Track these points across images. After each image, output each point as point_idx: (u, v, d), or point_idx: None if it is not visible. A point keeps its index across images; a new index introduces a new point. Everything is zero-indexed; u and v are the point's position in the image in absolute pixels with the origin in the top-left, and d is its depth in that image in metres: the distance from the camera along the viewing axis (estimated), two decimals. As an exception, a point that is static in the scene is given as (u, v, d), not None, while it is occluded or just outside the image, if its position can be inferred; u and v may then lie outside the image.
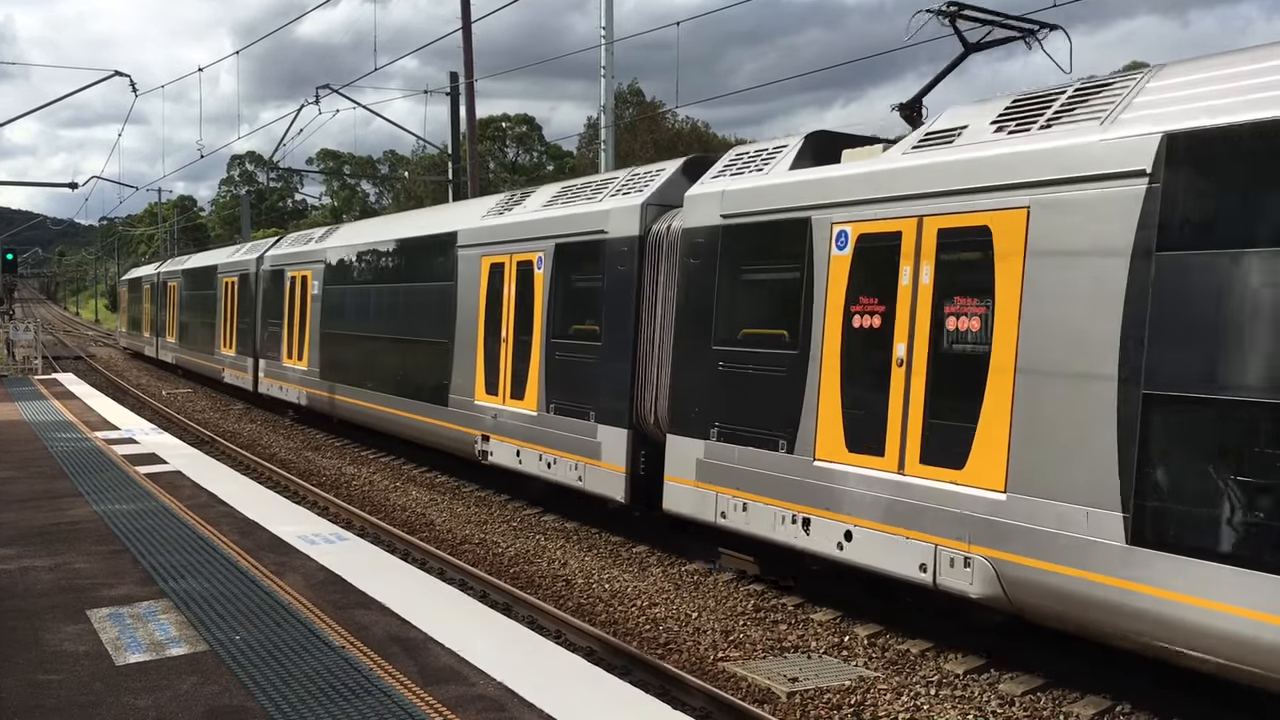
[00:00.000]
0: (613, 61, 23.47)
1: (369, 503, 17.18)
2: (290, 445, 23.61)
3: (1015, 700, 8.71)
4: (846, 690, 8.89)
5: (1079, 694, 8.70)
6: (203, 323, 35.83)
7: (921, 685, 9.05)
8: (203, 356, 35.53)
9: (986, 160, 9.04)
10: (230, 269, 32.23)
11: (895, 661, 9.65)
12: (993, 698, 8.79)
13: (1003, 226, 8.78)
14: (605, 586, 12.09)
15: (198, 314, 36.88)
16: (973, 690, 8.95)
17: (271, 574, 9.22)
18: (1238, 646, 7.08)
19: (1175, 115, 7.77)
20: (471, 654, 7.19)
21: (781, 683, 8.96)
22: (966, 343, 9.08)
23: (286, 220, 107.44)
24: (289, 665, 6.89)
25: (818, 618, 10.84)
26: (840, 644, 10.12)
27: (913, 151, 9.92)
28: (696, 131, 67.28)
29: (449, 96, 31.87)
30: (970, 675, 9.23)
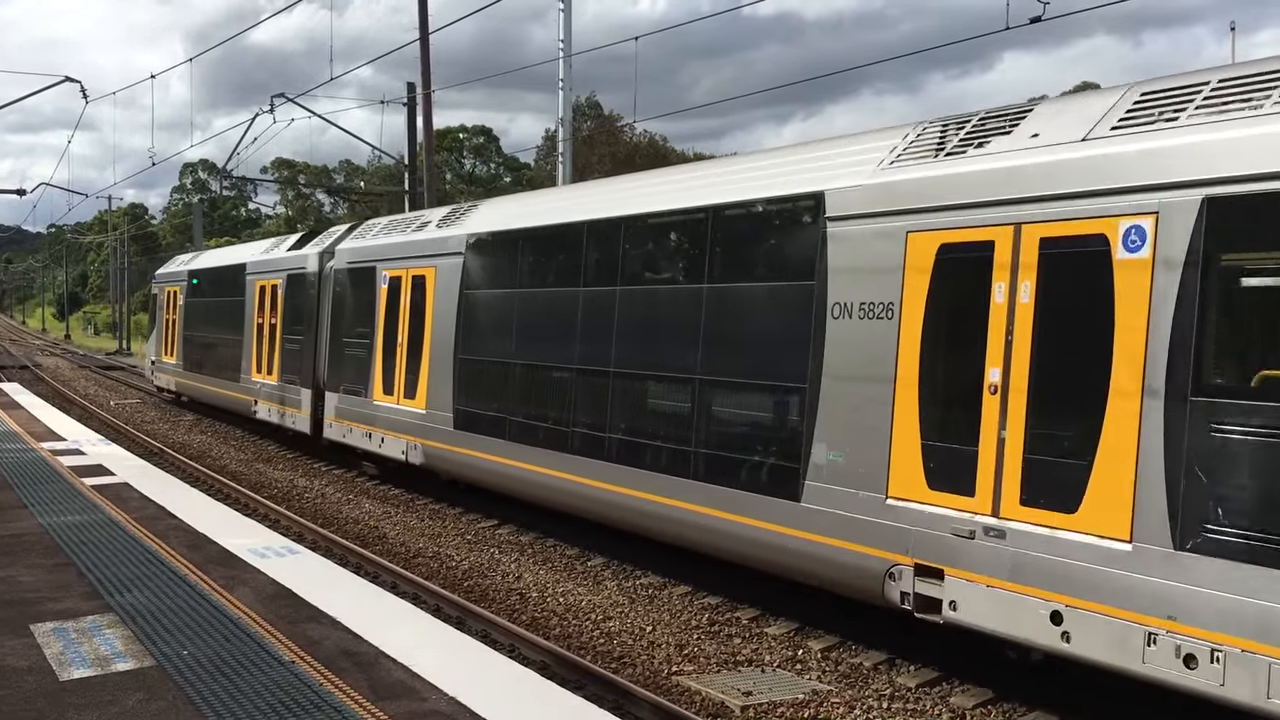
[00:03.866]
0: (571, 74, 23.50)
1: (321, 515, 17.01)
2: (241, 457, 23.33)
3: (966, 714, 8.78)
4: (800, 704, 8.92)
5: (1028, 708, 8.79)
6: (219, 339, 28.07)
7: (874, 699, 9.10)
8: (219, 383, 27.75)
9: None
10: (268, 268, 25.01)
11: (849, 675, 9.69)
12: (944, 711, 8.86)
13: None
14: (560, 600, 12.04)
15: (211, 327, 29.14)
16: (925, 704, 9.01)
17: (221, 588, 9.09)
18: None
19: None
20: (424, 669, 7.12)
21: (735, 696, 8.97)
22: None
23: (239, 230, 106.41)
24: (238, 681, 6.80)
25: (772, 631, 10.86)
26: (794, 657, 10.15)
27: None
28: (654, 145, 67.45)
29: (406, 106, 31.74)
30: (923, 689, 9.29)
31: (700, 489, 11.30)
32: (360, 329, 19.36)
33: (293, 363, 22.65)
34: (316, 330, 21.60)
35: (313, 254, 22.19)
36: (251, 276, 25.93)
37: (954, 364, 8.89)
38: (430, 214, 18.94)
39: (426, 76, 28.74)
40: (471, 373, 15.74)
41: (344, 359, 20.00)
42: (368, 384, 18.81)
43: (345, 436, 19.80)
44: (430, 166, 30.15)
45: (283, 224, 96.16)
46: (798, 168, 10.93)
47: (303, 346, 22.28)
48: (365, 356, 18.98)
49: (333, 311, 20.76)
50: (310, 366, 21.75)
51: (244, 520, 13.12)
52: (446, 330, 16.36)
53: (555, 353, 13.93)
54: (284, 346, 23.20)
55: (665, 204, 12.66)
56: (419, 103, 30.06)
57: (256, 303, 25.16)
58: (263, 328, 24.67)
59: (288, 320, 23.17)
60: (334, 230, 22.83)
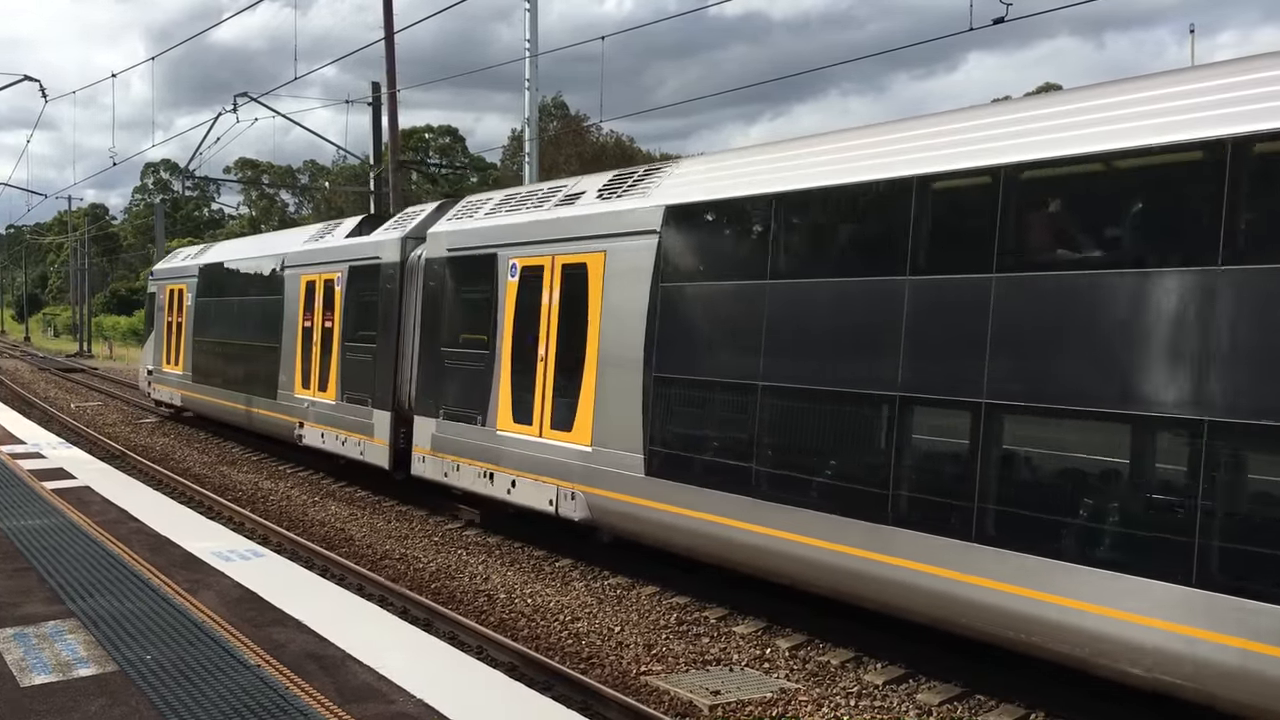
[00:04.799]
0: (537, 74, 23.45)
1: (286, 518, 16.87)
2: (205, 460, 23.10)
3: (933, 710, 8.84)
4: (768, 702, 8.94)
5: (995, 702, 8.86)
6: (245, 346, 23.69)
7: (841, 696, 9.14)
8: (245, 400, 23.14)
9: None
10: (320, 260, 20.14)
11: (816, 673, 9.73)
12: (911, 707, 8.91)
13: None
14: (528, 601, 12.02)
15: (233, 331, 24.55)
16: (891, 701, 9.06)
17: (184, 591, 9.00)
18: None
19: None
20: (391, 671, 7.08)
21: (704, 696, 8.98)
22: None
23: (203, 230, 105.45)
24: (202, 685, 6.73)
25: (740, 630, 10.89)
26: (762, 656, 10.18)
27: None
28: (621, 145, 67.48)
29: (371, 106, 31.56)
30: (889, 686, 9.34)
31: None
32: (472, 334, 14.93)
33: (360, 377, 18.05)
34: (398, 336, 16.99)
35: (391, 240, 17.48)
36: (294, 270, 21.11)
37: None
38: (580, 182, 14.09)
39: (392, 76, 28.59)
40: (680, 398, 11.40)
41: (444, 374, 15.40)
42: (486, 408, 14.30)
43: (447, 475, 15.12)
44: (396, 167, 29.98)
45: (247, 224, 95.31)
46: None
47: (376, 357, 17.68)
48: (482, 371, 14.50)
49: (424, 312, 16.17)
50: (388, 382, 17.20)
51: (208, 523, 13.00)
52: (628, 337, 11.91)
53: (857, 373, 9.50)
54: (346, 357, 18.58)
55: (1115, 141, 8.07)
56: (384, 102, 29.90)
57: (302, 302, 20.48)
58: (312, 333, 19.96)
59: (352, 323, 18.53)
60: (415, 211, 18.01)
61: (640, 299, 11.85)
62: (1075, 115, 8.43)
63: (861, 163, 9.87)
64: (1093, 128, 8.21)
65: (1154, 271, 7.69)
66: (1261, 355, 7.08)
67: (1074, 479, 8.26)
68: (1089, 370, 7.94)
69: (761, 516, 10.25)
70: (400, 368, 16.85)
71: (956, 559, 8.56)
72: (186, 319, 27.57)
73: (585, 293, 12.78)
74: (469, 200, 16.41)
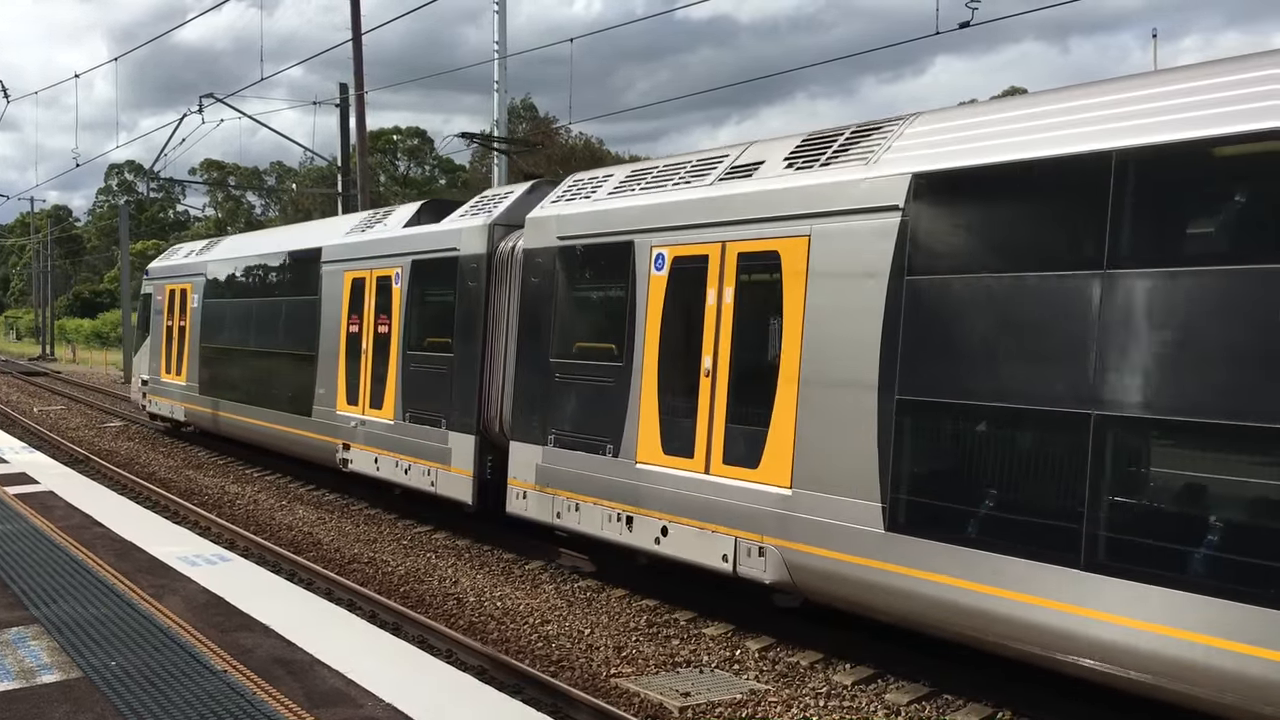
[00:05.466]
0: (505, 76, 23.42)
1: (253, 522, 16.75)
2: (170, 464, 22.89)
3: (901, 709, 8.89)
4: (738, 704, 8.97)
5: (962, 701, 8.92)
6: (269, 354, 20.69)
7: (811, 697, 9.18)
8: (271, 416, 20.12)
9: None
10: (371, 254, 17.17)
11: (786, 674, 9.76)
12: (880, 707, 8.96)
13: None
14: (497, 604, 11.99)
15: (252, 336, 21.47)
16: (860, 701, 9.10)
17: (150, 597, 8.92)
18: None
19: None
20: (360, 675, 7.05)
21: (674, 698, 8.99)
22: None
23: (168, 232, 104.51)
24: (168, 691, 6.67)
25: (710, 632, 10.91)
26: (732, 658, 10.20)
27: None
28: (590, 147, 67.51)
29: (338, 108, 31.42)
30: (858, 686, 9.39)
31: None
32: (596, 342, 12.31)
33: (430, 393, 15.25)
34: (484, 344, 14.24)
35: (474, 227, 14.65)
36: (334, 266, 18.15)
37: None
38: (749, 149, 11.11)
39: (359, 77, 28.48)
40: (949, 432, 8.69)
41: (554, 391, 12.61)
42: (619, 434, 11.64)
43: (560, 517, 12.47)
44: (364, 168, 29.86)
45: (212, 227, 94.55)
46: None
47: (454, 369, 14.78)
48: (611, 389, 11.80)
49: (524, 315, 13.32)
50: (471, 400, 14.36)
51: (174, 528, 12.89)
52: (850, 349, 9.22)
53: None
54: (409, 368, 15.81)
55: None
56: (352, 104, 29.77)
57: (346, 303, 17.60)
58: (360, 339, 17.18)
59: (417, 328, 15.85)
60: (498, 194, 15.26)
61: (870, 298, 9.00)
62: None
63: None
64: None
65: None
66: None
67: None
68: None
69: (1107, 598, 7.40)
70: (487, 382, 14.13)
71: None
72: (191, 323, 24.48)
73: (776, 289, 9.94)
74: (577, 179, 13.51)
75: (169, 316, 26.06)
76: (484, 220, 14.55)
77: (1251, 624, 6.65)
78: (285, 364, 19.82)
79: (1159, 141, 7.44)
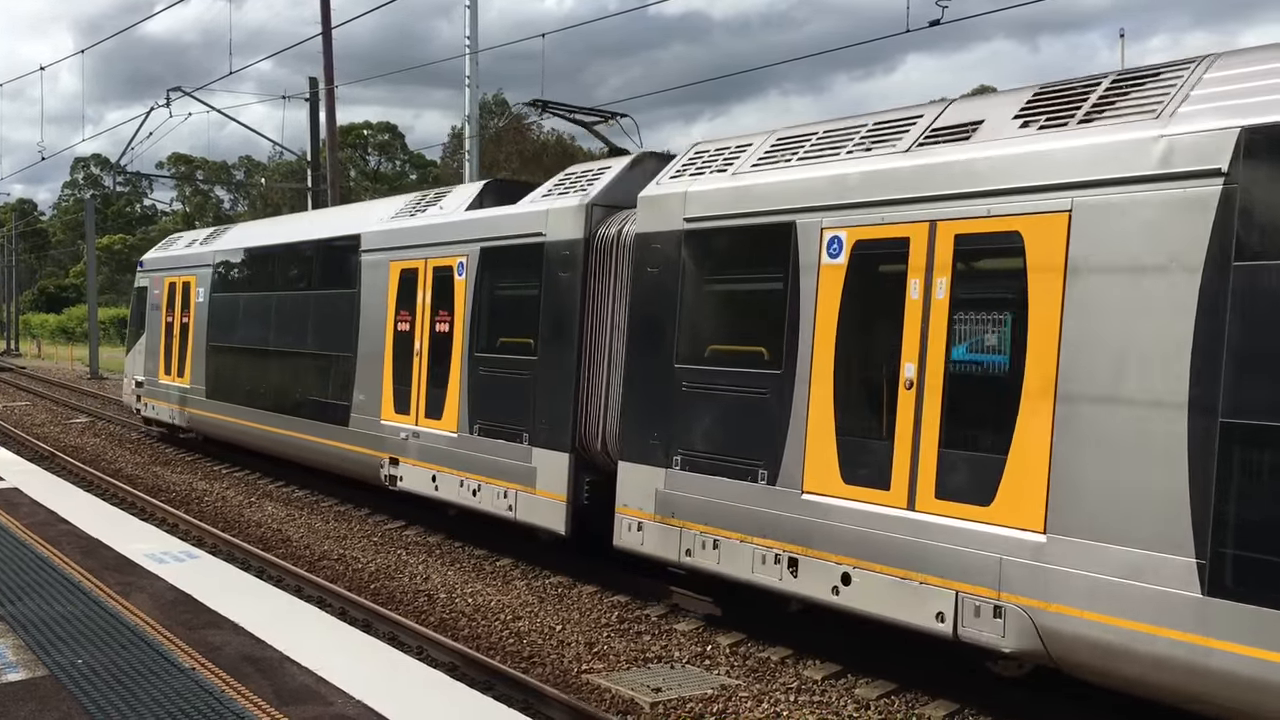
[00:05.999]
0: (477, 71, 23.35)
1: (222, 519, 16.63)
2: (137, 460, 22.69)
3: (870, 704, 8.95)
4: (709, 699, 9.00)
5: (930, 696, 8.99)
6: (293, 354, 18.39)
7: (781, 692, 9.22)
8: (297, 426, 17.89)
9: None
10: (425, 241, 14.96)
11: (756, 669, 9.81)
12: (849, 702, 9.02)
13: None
14: (468, 601, 11.97)
15: (271, 335, 19.11)
16: (830, 695, 9.16)
17: (117, 594, 8.84)
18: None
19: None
20: (329, 673, 7.02)
21: (645, 693, 9.01)
22: None
23: (134, 227, 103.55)
24: (135, 689, 6.62)
25: (681, 627, 10.94)
26: (703, 653, 10.23)
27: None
28: (562, 143, 67.39)
29: (308, 102, 31.23)
30: (828, 681, 9.44)
31: None
32: (740, 344, 10.23)
33: (507, 402, 13.07)
34: (579, 345, 12.12)
35: (566, 208, 12.51)
36: (377, 256, 15.97)
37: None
38: (948, 110, 9.28)
39: (329, 71, 28.31)
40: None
41: (680, 402, 10.60)
42: (777, 457, 9.58)
43: (690, 554, 10.41)
44: (334, 163, 29.69)
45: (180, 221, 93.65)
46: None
47: (539, 374, 12.61)
48: (763, 401, 9.77)
49: (637, 310, 11.25)
50: (564, 411, 12.20)
51: (141, 525, 12.79)
52: (1144, 357, 7.26)
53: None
54: (478, 373, 13.64)
55: None
56: (322, 98, 29.59)
57: (394, 297, 15.44)
58: (411, 339, 15.01)
59: (488, 326, 13.68)
60: (589, 171, 13.14)
61: (1174, 289, 7.12)
62: None
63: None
64: None
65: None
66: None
67: None
68: None
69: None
70: (585, 392, 12.04)
71: None
72: (195, 319, 22.24)
73: (1016, 279, 8.02)
74: (700, 149, 11.32)
75: (168, 312, 23.82)
76: (579, 200, 12.37)
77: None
78: (314, 366, 17.59)
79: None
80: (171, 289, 23.79)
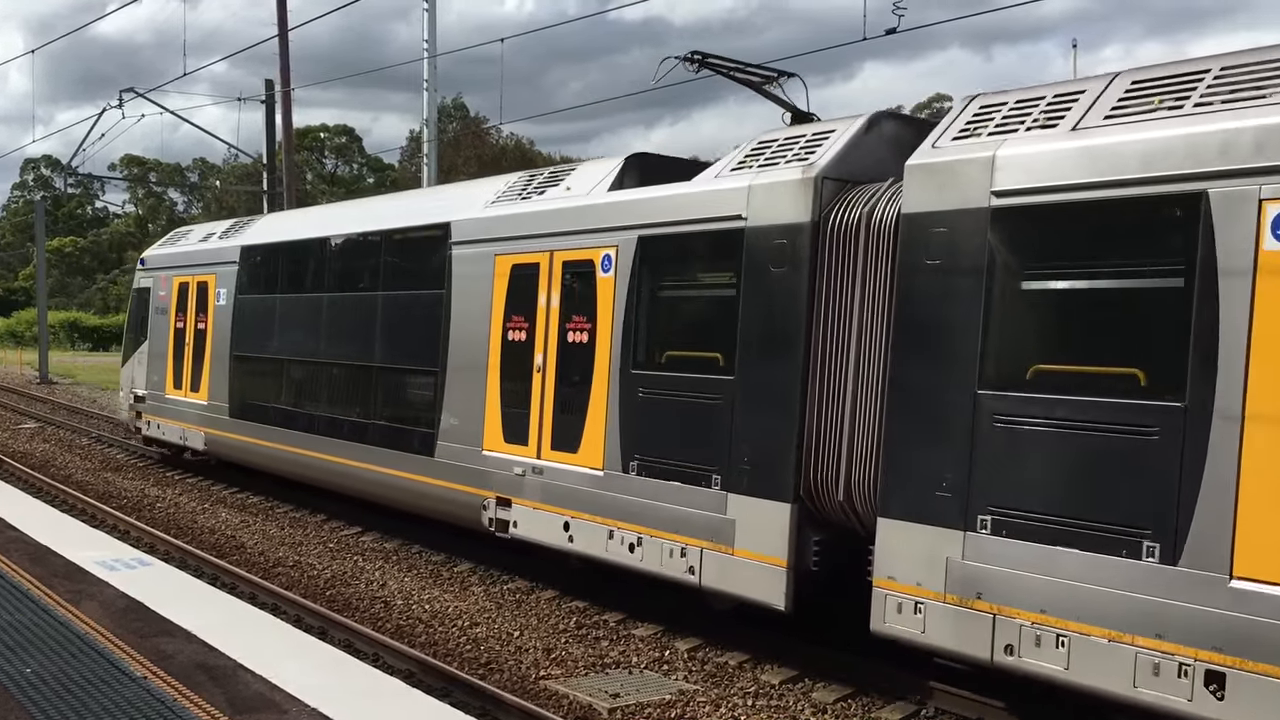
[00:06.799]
0: (436, 75, 23.29)
1: (175, 526, 16.42)
2: (87, 466, 22.35)
3: (828, 708, 9.00)
4: (667, 704, 9.00)
5: (886, 699, 9.05)
6: (359, 369, 15.25)
7: (739, 696, 9.25)
8: (361, 455, 14.86)
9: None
10: (547, 230, 12.25)
11: (714, 674, 9.82)
12: (806, 706, 9.06)
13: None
14: (425, 607, 11.90)
15: (329, 345, 16.02)
16: (788, 700, 9.20)
17: (66, 602, 8.70)
18: None
19: None
20: (284, 680, 6.96)
21: (603, 699, 9.00)
22: None
23: (85, 229, 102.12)
24: (85, 699, 6.52)
25: (639, 633, 10.94)
26: (661, 658, 10.24)
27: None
28: (521, 148, 67.34)
29: (264, 104, 30.96)
30: (785, 685, 9.48)
31: None
32: (1095, 366, 7.58)
33: (686, 432, 10.33)
34: (806, 362, 9.34)
35: (783, 183, 9.66)
36: (478, 248, 13.05)
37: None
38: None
39: (285, 74, 28.10)
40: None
41: (987, 443, 8.00)
42: (1182, 525, 6.97)
43: (1020, 653, 7.67)
44: (290, 166, 29.46)
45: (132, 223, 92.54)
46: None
47: (738, 397, 9.85)
48: (1154, 447, 7.13)
49: (907, 319, 8.56)
50: (781, 446, 9.47)
51: (91, 532, 12.61)
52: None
53: None
54: (637, 395, 10.83)
55: None
56: (278, 100, 29.36)
57: (502, 298, 12.57)
58: (529, 349, 12.13)
59: (654, 335, 10.97)
60: (796, 135, 10.31)
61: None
62: None
63: None
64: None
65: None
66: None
67: None
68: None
69: None
70: (815, 421, 9.29)
71: None
72: (215, 324, 19.19)
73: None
74: (986, 103, 8.72)
75: (179, 316, 20.57)
76: (802, 172, 9.50)
77: None
78: (383, 383, 14.84)
79: None
80: (183, 290, 20.55)
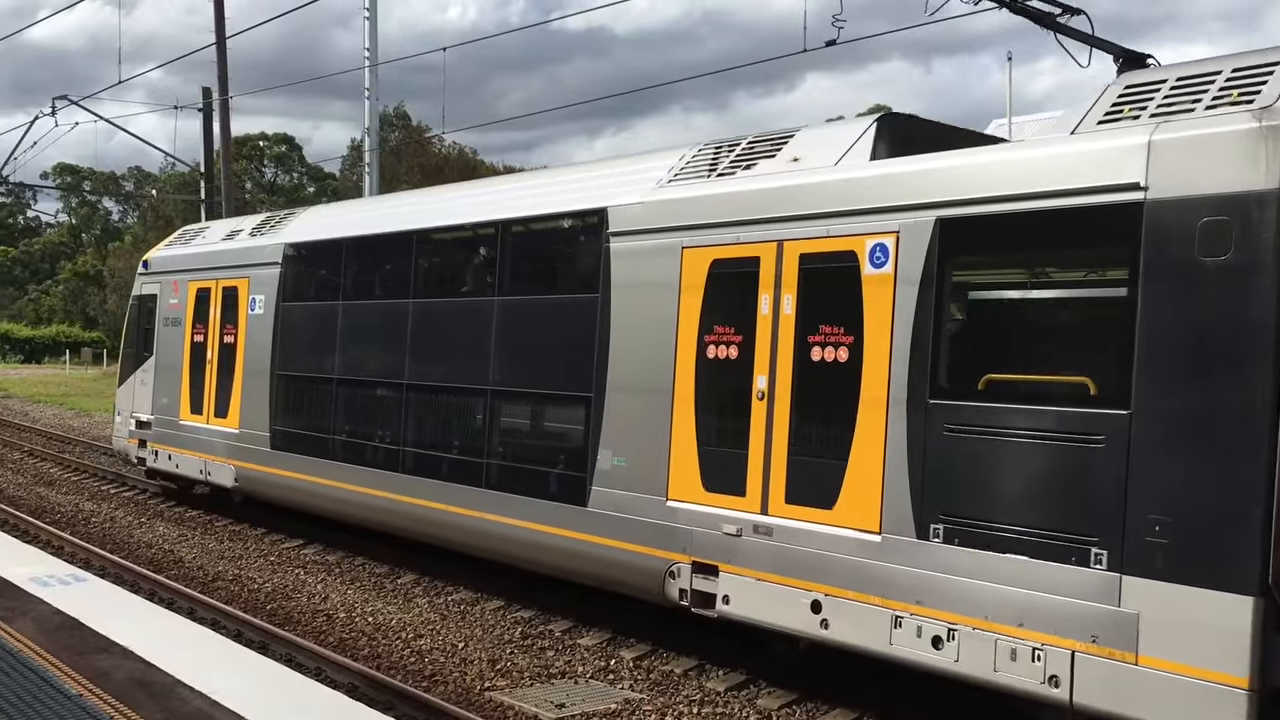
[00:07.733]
0: (377, 83, 23.14)
1: (110, 540, 16.11)
2: (19, 480, 21.86)
3: (773, 715, 9.05)
4: (612, 714, 9.00)
5: (830, 706, 9.13)
6: (472, 394, 12.21)
7: (685, 704, 9.27)
8: (478, 500, 11.87)
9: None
10: (757, 213, 9.33)
11: (660, 683, 9.84)
12: (751, 713, 9.10)
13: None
14: (369, 620, 11.79)
15: (414, 365, 13.07)
16: (733, 707, 9.23)
17: (-2, 620, 8.52)
18: None
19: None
20: (224, 696, 6.86)
21: (549, 710, 8.98)
22: None
23: (17, 239, 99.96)
24: (19, 718, 6.38)
25: (585, 642, 10.92)
26: (607, 668, 10.24)
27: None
28: (464, 157, 66.96)
29: (201, 112, 30.56)
30: (731, 692, 9.52)
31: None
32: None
33: (1027, 487, 7.50)
34: (1277, 384, 6.45)
35: (1215, 136, 6.79)
36: (651, 240, 10.35)
37: None
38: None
39: (224, 81, 27.76)
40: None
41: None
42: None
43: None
44: (227, 175, 29.10)
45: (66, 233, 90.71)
46: None
47: (1138, 444, 6.96)
48: None
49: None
50: (1235, 512, 6.51)
51: (24, 547, 12.34)
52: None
53: None
54: (940, 431, 7.96)
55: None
56: (215, 108, 28.99)
57: (696, 305, 9.85)
58: (740, 369, 9.44)
59: (964, 355, 8.19)
60: (1189, 73, 7.47)
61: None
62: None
63: None
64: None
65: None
66: None
67: None
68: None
69: None
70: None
71: None
72: (249, 337, 16.12)
73: None
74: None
75: (198, 327, 17.45)
76: (1256, 120, 6.67)
77: None
78: (508, 412, 12.04)
79: None
80: (202, 296, 17.43)
